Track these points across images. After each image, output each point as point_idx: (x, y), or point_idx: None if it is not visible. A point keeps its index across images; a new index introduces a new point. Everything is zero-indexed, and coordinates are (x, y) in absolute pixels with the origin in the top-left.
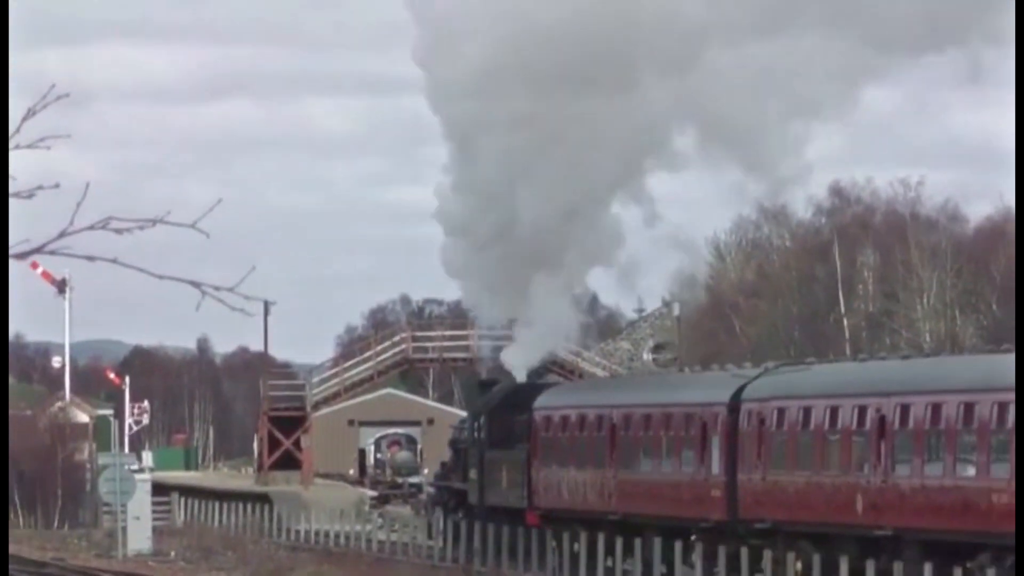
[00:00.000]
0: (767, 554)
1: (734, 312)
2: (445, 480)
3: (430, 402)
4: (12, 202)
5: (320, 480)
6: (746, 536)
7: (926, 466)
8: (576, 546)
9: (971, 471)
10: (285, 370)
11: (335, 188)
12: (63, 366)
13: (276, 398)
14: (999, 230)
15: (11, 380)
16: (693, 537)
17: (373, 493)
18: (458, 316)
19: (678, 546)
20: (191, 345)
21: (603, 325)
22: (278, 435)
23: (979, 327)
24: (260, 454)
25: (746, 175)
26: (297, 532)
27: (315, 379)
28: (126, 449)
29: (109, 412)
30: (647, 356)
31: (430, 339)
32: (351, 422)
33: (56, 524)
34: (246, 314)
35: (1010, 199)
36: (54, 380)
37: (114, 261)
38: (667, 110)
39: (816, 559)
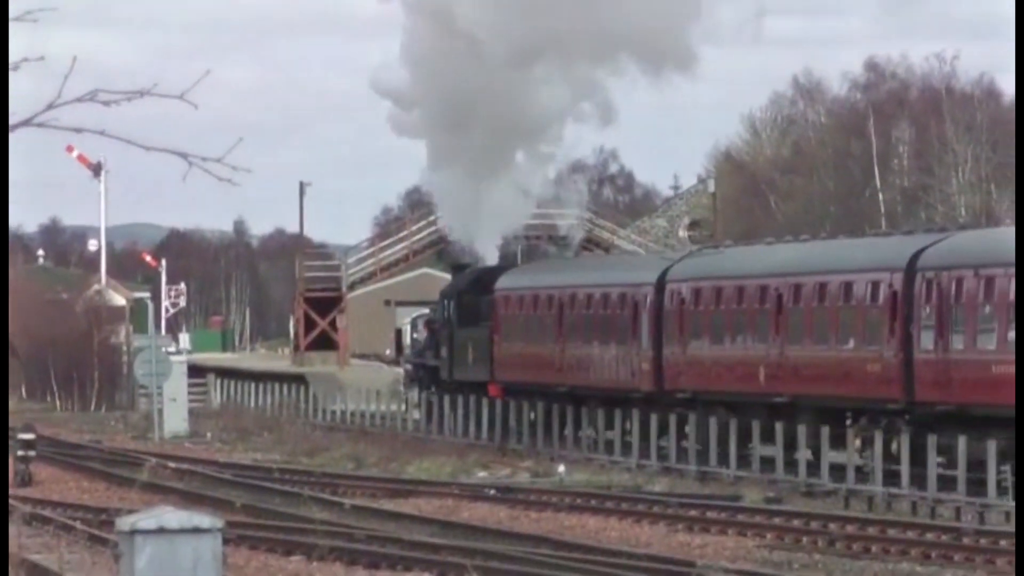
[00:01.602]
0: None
1: (770, 188)
2: (420, 358)
3: None
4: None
5: (356, 360)
6: (671, 404)
7: (814, 340)
8: (532, 415)
9: (851, 344)
10: (321, 251)
11: (370, 69)
12: (99, 249)
13: (312, 279)
14: None
15: (48, 264)
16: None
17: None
18: None
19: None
20: (227, 227)
21: (639, 202)
22: (314, 316)
23: (1015, 201)
24: (296, 335)
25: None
26: (333, 412)
27: (351, 259)
28: (163, 332)
29: (146, 295)
30: (683, 233)
31: None
32: (387, 302)
33: (93, 407)
34: (233, 184)
35: None
36: (90, 263)
37: (102, 133)
38: None
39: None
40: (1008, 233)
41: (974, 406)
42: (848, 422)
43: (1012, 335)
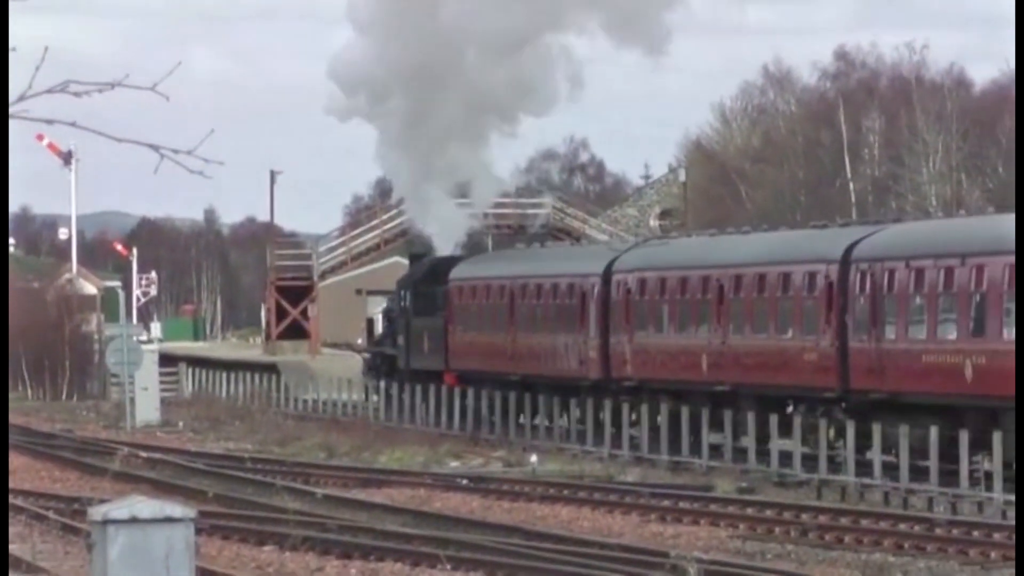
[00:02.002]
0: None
1: (740, 178)
2: (379, 347)
3: None
4: None
5: (327, 349)
6: (618, 392)
7: (754, 329)
8: (488, 404)
9: (789, 333)
10: (292, 240)
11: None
12: (70, 238)
13: (283, 268)
14: (1004, 93)
15: (19, 253)
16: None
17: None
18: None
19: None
20: (198, 216)
21: (609, 191)
22: (285, 305)
23: (985, 190)
24: (267, 324)
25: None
26: (304, 401)
27: (322, 248)
28: (134, 320)
29: (117, 284)
30: (653, 222)
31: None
32: (358, 291)
33: (64, 396)
34: (204, 177)
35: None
36: (61, 252)
37: (73, 125)
38: None
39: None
40: (937, 225)
41: (906, 394)
42: (789, 409)
43: (941, 327)
